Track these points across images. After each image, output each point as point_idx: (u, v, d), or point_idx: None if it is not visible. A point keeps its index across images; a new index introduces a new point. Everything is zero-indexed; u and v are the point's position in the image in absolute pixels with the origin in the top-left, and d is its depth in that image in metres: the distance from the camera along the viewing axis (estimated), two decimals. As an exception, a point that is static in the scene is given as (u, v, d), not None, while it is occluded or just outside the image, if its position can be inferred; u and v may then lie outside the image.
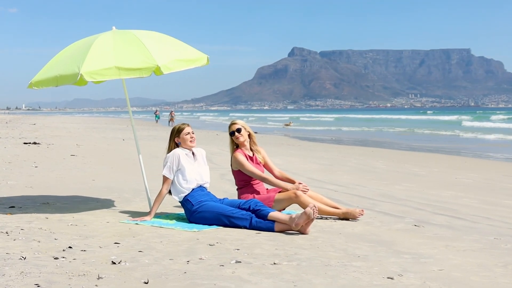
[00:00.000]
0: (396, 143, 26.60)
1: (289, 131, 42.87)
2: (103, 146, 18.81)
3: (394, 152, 19.98)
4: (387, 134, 37.53)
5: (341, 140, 29.09)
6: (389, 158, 16.75)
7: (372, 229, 5.97)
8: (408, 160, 16.20)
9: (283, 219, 5.67)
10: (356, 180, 10.88)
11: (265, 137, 30.34)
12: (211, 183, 7.13)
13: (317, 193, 6.77)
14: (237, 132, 6.67)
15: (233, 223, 5.82)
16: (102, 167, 12.09)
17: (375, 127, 48.64)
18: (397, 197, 8.59)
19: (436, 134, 36.12)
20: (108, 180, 9.90)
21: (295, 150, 19.87)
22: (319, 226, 6.07)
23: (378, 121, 64.03)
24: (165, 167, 6.18)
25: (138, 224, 5.95)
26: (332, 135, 35.51)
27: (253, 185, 6.63)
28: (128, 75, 6.14)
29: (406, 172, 12.74)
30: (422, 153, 19.95)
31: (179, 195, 6.15)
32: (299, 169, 12.80)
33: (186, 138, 6.28)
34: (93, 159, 13.79)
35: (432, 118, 62.43)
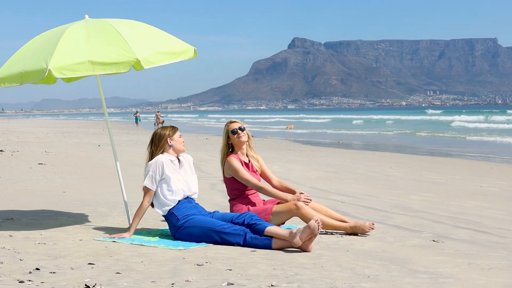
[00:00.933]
0: (413, 147, 26.65)
1: (290, 134, 42.92)
2: (76, 153, 18.81)
3: (410, 157, 20.02)
4: (402, 137, 37.57)
5: (349, 144, 29.14)
6: (404, 164, 16.78)
7: (384, 245, 5.98)
8: (425, 167, 16.23)
9: (282, 234, 5.68)
10: (366, 190, 10.89)
11: (262, 141, 30.37)
12: (200, 194, 7.14)
13: (321, 204, 6.78)
14: (241, 131, 6.69)
15: (225, 239, 5.83)
16: (75, 177, 12.09)
17: (388, 129, 48.70)
18: (413, 209, 8.61)
19: (457, 137, 36.17)
20: (81, 192, 9.90)
21: (296, 155, 19.89)
22: (324, 242, 6.09)
23: (394, 122, 64.07)
24: (147, 177, 6.19)
25: (115, 241, 5.96)
26: (338, 138, 35.54)
27: (248, 195, 6.65)
28: (104, 71, 6.16)
29: (424, 180, 12.77)
30: (442, 158, 20.00)
31: (163, 208, 6.16)
32: (300, 177, 12.81)
33: (180, 140, 6.32)
34: (64, 168, 13.78)
35: (451, 119, 62.40)
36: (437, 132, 40.60)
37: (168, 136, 6.29)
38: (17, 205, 8.35)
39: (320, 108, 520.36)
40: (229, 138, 6.75)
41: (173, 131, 6.33)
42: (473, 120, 57.82)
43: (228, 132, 6.74)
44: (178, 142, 6.31)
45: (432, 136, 37.29)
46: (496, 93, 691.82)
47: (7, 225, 6.82)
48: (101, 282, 4.44)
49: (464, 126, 50.08)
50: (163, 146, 6.27)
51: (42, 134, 33.86)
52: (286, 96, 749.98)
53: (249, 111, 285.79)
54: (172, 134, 6.31)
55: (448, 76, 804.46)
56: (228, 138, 6.76)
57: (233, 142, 6.73)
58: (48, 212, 7.81)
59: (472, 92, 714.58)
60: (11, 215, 7.49)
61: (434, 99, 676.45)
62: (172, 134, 6.31)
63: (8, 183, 10.96)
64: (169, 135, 6.29)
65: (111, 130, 7.35)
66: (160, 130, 6.37)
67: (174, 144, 6.29)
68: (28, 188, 10.36)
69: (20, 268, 4.84)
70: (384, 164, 16.85)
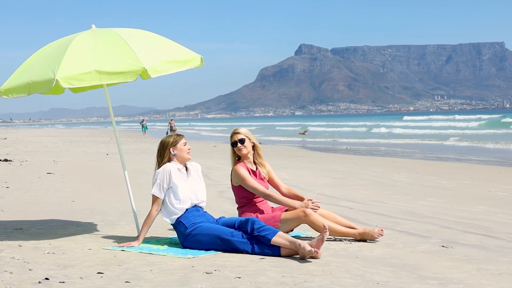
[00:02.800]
0: (421, 153, 26.60)
1: (299, 141, 42.88)
2: (84, 162, 18.85)
3: (418, 163, 19.98)
4: (411, 143, 37.51)
5: (357, 150, 29.11)
6: (412, 170, 16.75)
7: (393, 252, 5.97)
8: (434, 172, 16.20)
9: (288, 246, 5.64)
10: (375, 196, 10.88)
11: (271, 148, 30.38)
12: (208, 202, 7.13)
13: (330, 211, 6.76)
14: (240, 143, 6.68)
15: (233, 247, 5.82)
16: (83, 186, 12.11)
17: (395, 135, 48.63)
18: (421, 214, 8.59)
19: (466, 143, 36.08)
20: (90, 201, 9.92)
21: (305, 162, 19.89)
22: (332, 249, 6.08)
23: (403, 128, 64.01)
24: (155, 185, 6.19)
25: (124, 250, 5.96)
26: (346, 145, 35.53)
27: (256, 203, 6.64)
28: (111, 80, 6.18)
29: (432, 186, 12.74)
30: (451, 163, 19.96)
31: (171, 216, 6.16)
32: (309, 184, 12.81)
33: (184, 149, 6.30)
34: (73, 178, 13.82)
35: (456, 125, 62.26)
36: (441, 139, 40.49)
37: (171, 145, 6.28)
38: (26, 215, 8.38)
39: (328, 114, 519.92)
40: (235, 148, 6.74)
41: (175, 140, 6.30)
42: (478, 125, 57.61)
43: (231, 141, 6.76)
44: (182, 150, 6.29)
45: (440, 140, 37.21)
46: (504, 97, 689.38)
47: (16, 235, 6.84)
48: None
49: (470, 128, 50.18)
50: (167, 155, 6.27)
51: (50, 143, 33.97)
52: (294, 103, 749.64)
53: (257, 118, 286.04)
54: (175, 143, 6.28)
55: (456, 80, 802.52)
56: (234, 148, 6.76)
57: (236, 151, 6.73)
58: (57, 221, 7.83)
59: (480, 97, 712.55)
60: (20, 225, 7.52)
61: (441, 104, 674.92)
62: (175, 143, 6.29)
63: (17, 193, 10.99)
64: (172, 144, 6.28)
65: (119, 139, 7.36)
66: (164, 139, 6.36)
67: (178, 153, 6.27)
68: (37, 197, 10.39)
69: (29, 278, 4.85)
70: (392, 169, 16.83)
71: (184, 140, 6.34)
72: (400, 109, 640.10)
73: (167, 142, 6.30)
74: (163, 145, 6.30)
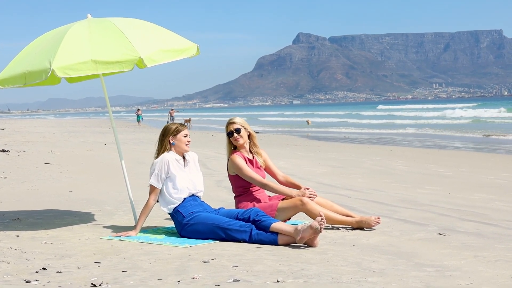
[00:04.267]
0: (418, 141, 26.61)
1: (296, 131, 42.89)
2: (82, 152, 18.84)
3: (415, 151, 19.99)
4: (408, 131, 37.52)
5: (355, 139, 29.12)
6: (410, 158, 16.76)
7: (390, 239, 5.98)
8: (432, 160, 16.21)
9: (288, 230, 5.68)
10: (372, 184, 10.89)
11: (268, 137, 30.38)
12: (206, 191, 7.14)
13: (327, 199, 6.78)
14: (236, 133, 6.67)
15: (231, 236, 5.84)
16: (81, 177, 12.11)
17: (392, 123, 48.66)
18: (419, 202, 8.60)
19: (463, 129, 36.12)
20: (88, 191, 9.92)
21: (302, 151, 19.89)
22: (329, 237, 6.09)
23: (398, 116, 63.99)
24: (152, 175, 6.19)
25: (121, 240, 5.97)
26: (344, 133, 35.54)
27: (252, 192, 6.65)
28: (107, 69, 6.16)
29: (430, 174, 12.75)
30: (448, 151, 19.98)
31: (168, 206, 6.17)
32: (306, 172, 12.82)
33: (184, 140, 6.29)
34: (71, 168, 13.82)
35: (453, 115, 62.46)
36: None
37: (172, 134, 6.27)
38: (24, 205, 8.38)
39: (326, 103, 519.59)
40: (231, 138, 6.73)
41: (177, 130, 6.30)
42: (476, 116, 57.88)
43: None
44: (181, 141, 6.27)
45: (438, 129, 37.22)
46: (502, 85, 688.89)
47: (14, 225, 6.85)
48: (107, 281, 4.45)
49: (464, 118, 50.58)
50: (166, 143, 6.27)
51: (48, 133, 33.94)
52: (292, 92, 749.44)
53: (255, 108, 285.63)
54: (176, 133, 6.28)
55: (454, 68, 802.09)
56: (229, 138, 6.75)
57: (232, 141, 6.72)
58: (54, 211, 7.84)
59: (478, 84, 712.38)
60: (17, 215, 7.52)
61: (440, 92, 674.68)
62: (176, 133, 6.29)
63: (15, 183, 10.99)
64: (173, 133, 6.28)
65: (116, 129, 7.35)
66: (166, 127, 6.37)
67: (177, 143, 6.26)
68: (35, 188, 10.39)
69: (27, 268, 4.86)
70: (390, 158, 16.84)
71: (185, 132, 6.32)
72: (398, 97, 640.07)
73: (168, 130, 6.30)
74: (165, 132, 6.30)
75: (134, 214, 6.83)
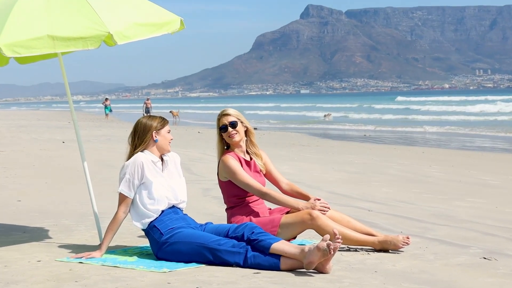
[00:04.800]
0: (457, 141, 26.64)
1: (304, 128, 42.94)
2: (34, 151, 18.83)
3: (454, 154, 20.01)
4: (445, 131, 37.55)
5: (378, 138, 29.15)
6: (447, 162, 16.76)
7: (422, 265, 5.96)
8: (474, 165, 16.22)
9: (293, 252, 5.65)
10: (400, 195, 10.88)
11: (269, 135, 30.41)
12: (190, 202, 7.11)
13: (342, 213, 6.76)
14: (231, 127, 6.65)
15: (220, 258, 5.81)
16: (32, 182, 12.09)
17: (405, 119, 48.69)
18: (458, 218, 8.59)
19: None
20: (41, 201, 9.90)
21: (313, 152, 19.90)
22: (346, 261, 6.07)
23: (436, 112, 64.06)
24: (122, 181, 6.17)
25: (83, 263, 5.94)
26: (365, 131, 35.57)
27: (249, 203, 6.63)
28: (67, 47, 6.14)
29: (472, 182, 12.75)
30: (495, 155, 19.99)
31: (142, 220, 6.14)
32: (317, 179, 12.81)
33: (168, 137, 6.28)
34: (20, 171, 13.79)
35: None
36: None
37: (156, 129, 6.26)
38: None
39: (342, 93, 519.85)
40: (223, 134, 6.70)
41: (162, 124, 6.28)
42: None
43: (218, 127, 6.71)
44: (165, 139, 6.27)
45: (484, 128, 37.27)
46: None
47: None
48: (64, 314, 4.43)
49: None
50: (147, 140, 6.25)
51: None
52: (299, 78, 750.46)
53: (252, 98, 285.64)
54: (160, 127, 6.27)
55: (502, 51, 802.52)
56: (220, 133, 6.71)
57: (225, 138, 6.69)
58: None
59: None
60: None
61: (484, 80, 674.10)
62: (161, 127, 6.27)
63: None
64: (157, 128, 6.26)
65: (77, 123, 7.32)
66: (146, 120, 6.32)
67: (160, 140, 6.25)
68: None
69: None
70: (422, 161, 16.84)
71: (169, 127, 6.33)
72: (432, 86, 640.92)
73: (149, 125, 6.26)
74: (145, 127, 6.25)
75: (98, 230, 6.80)
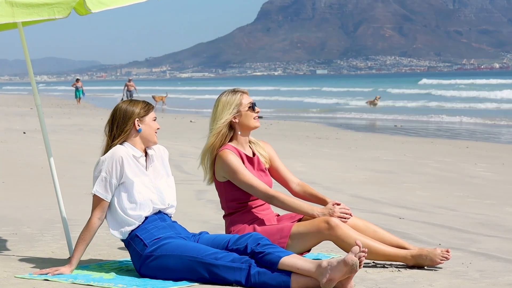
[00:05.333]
0: (510, 133, 26.60)
1: (322, 116, 42.89)
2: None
3: (506, 149, 19.98)
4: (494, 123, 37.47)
5: (411, 129, 29.10)
6: (497, 160, 16.75)
7: (465, 284, 5.97)
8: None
9: (307, 268, 5.65)
10: (438, 199, 10.88)
11: (277, 125, 30.34)
12: (180, 207, 7.12)
13: (368, 221, 6.77)
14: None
15: (218, 275, 5.81)
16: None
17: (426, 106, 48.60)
18: (510, 228, 8.60)
19: None
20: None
21: (330, 147, 19.88)
22: (371, 279, 6.08)
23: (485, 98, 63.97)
24: (97, 181, 6.16)
25: (49, 280, 5.95)
26: (397, 121, 35.51)
27: (252, 208, 6.63)
28: (29, 16, 6.16)
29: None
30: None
31: (121, 229, 6.15)
32: (337, 180, 12.81)
33: (154, 126, 6.26)
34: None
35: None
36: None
37: (138, 116, 6.24)
38: None
39: (368, 73, 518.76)
40: (237, 115, 6.64)
41: (146, 110, 6.24)
42: None
43: (240, 105, 6.64)
44: (150, 128, 6.23)
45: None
46: None
47: None
48: None
49: None
50: (128, 129, 6.23)
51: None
52: (314, 56, 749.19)
53: (257, 79, 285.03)
54: (144, 114, 6.25)
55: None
56: (236, 114, 6.64)
57: (242, 123, 6.63)
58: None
59: None
60: None
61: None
62: (145, 113, 6.25)
63: None
64: (140, 115, 6.24)
65: (41, 109, 7.32)
66: (126, 105, 6.28)
67: (144, 130, 6.23)
68: None
69: None
70: (466, 159, 16.83)
71: (154, 114, 6.31)
72: (478, 66, 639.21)
73: (131, 111, 6.24)
74: (125, 114, 6.22)
75: (68, 241, 6.82)
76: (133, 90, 55.42)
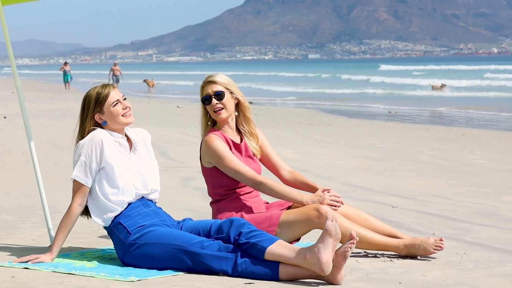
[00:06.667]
0: (508, 120, 26.64)
1: (315, 103, 42.88)
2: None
3: (503, 137, 20.01)
4: (492, 104, 37.52)
5: (406, 116, 29.13)
6: (493, 147, 16.78)
7: (460, 274, 5.98)
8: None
9: (293, 262, 5.63)
10: (432, 187, 10.90)
11: (268, 110, 30.36)
12: (166, 193, 7.13)
13: (360, 209, 6.77)
14: (216, 99, 6.63)
15: (204, 264, 5.81)
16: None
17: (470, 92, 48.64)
18: (506, 217, 8.62)
19: None
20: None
21: (322, 134, 19.89)
22: (362, 269, 6.09)
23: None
24: (77, 165, 6.15)
25: (29, 268, 5.95)
26: (391, 107, 35.54)
27: (240, 195, 6.63)
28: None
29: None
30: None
31: (103, 215, 6.14)
32: (329, 168, 12.83)
33: (116, 111, 6.21)
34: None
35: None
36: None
37: (95, 109, 6.19)
38: None
39: (361, 58, 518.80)
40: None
41: (102, 97, 6.18)
42: None
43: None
44: (113, 115, 6.18)
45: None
46: None
47: None
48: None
49: None
50: (89, 121, 6.21)
51: None
52: (306, 39, 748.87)
53: (247, 64, 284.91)
54: (100, 104, 6.18)
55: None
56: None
57: (210, 113, 6.67)
58: None
59: None
60: None
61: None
62: (101, 104, 6.18)
63: None
64: (96, 106, 6.19)
65: (22, 93, 7.31)
66: (88, 92, 6.28)
67: (108, 120, 6.18)
68: None
69: None
70: (462, 146, 16.86)
71: (113, 96, 6.21)
72: (476, 50, 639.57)
73: (88, 102, 6.22)
74: (85, 103, 6.23)
75: (48, 228, 6.82)
76: (119, 74, 55.26)
